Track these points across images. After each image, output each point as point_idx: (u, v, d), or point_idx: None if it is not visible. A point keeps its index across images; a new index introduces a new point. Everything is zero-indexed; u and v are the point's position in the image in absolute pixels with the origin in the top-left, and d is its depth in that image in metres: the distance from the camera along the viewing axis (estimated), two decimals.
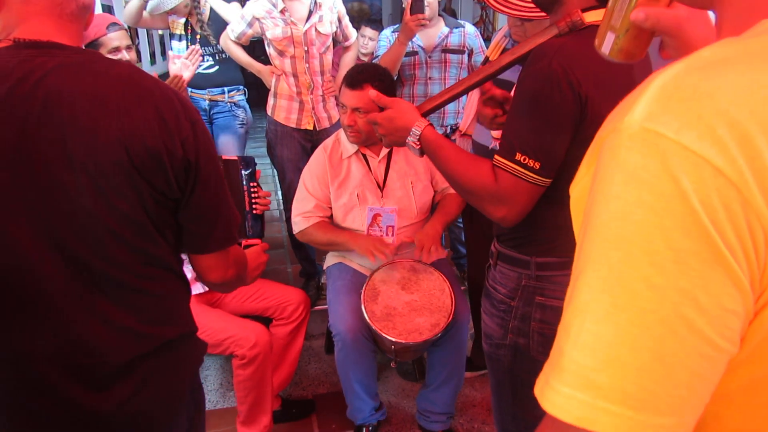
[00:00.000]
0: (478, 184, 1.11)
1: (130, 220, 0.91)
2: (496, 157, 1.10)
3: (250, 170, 1.93)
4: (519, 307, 1.22)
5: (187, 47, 2.84)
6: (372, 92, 1.29)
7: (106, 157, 0.86)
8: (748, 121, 0.36)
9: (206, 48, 2.90)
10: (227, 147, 3.01)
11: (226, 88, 2.97)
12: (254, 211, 1.94)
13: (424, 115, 1.23)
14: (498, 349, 1.29)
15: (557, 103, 1.03)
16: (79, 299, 0.91)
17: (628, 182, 0.39)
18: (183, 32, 2.86)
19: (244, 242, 1.76)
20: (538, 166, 1.05)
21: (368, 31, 3.33)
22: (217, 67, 2.93)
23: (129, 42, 2.33)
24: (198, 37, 2.87)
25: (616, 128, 0.41)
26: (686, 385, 0.39)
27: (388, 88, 1.90)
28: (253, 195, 1.93)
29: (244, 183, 1.90)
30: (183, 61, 2.38)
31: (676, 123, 0.37)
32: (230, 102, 3.02)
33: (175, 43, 2.89)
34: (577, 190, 0.51)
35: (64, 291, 0.90)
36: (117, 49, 2.28)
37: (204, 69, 2.87)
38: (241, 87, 3.08)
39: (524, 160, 1.05)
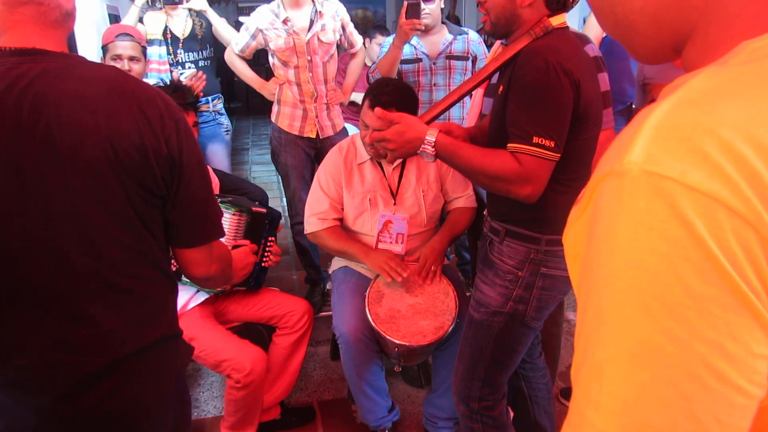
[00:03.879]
0: (506, 170, 1.27)
1: (120, 218, 0.93)
2: (512, 145, 1.28)
3: (274, 225, 1.98)
4: (525, 277, 1.42)
5: (168, 52, 2.87)
6: (377, 110, 1.39)
7: (93, 156, 0.89)
8: (755, 158, 0.34)
9: (188, 54, 2.91)
10: (217, 155, 3.02)
11: (209, 98, 2.96)
12: (263, 264, 1.97)
13: (428, 122, 1.38)
14: (494, 316, 1.47)
15: (560, 89, 1.24)
16: (65, 299, 0.93)
17: (637, 229, 0.36)
18: (162, 38, 2.87)
19: (234, 242, 1.78)
20: (552, 145, 1.25)
21: (381, 39, 3.35)
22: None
23: (136, 54, 2.37)
24: (180, 45, 2.88)
25: (614, 171, 0.38)
26: None
27: (412, 108, 1.90)
28: (267, 248, 1.97)
29: (264, 236, 1.95)
30: (187, 83, 2.41)
31: (679, 164, 0.35)
32: (214, 111, 3.03)
33: (155, 49, 2.88)
34: (570, 235, 0.48)
35: (52, 291, 0.92)
36: (119, 57, 2.33)
37: (186, 77, 2.86)
38: (221, 95, 3.10)
39: (541, 141, 1.25)
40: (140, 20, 2.87)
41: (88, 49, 2.88)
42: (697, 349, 0.35)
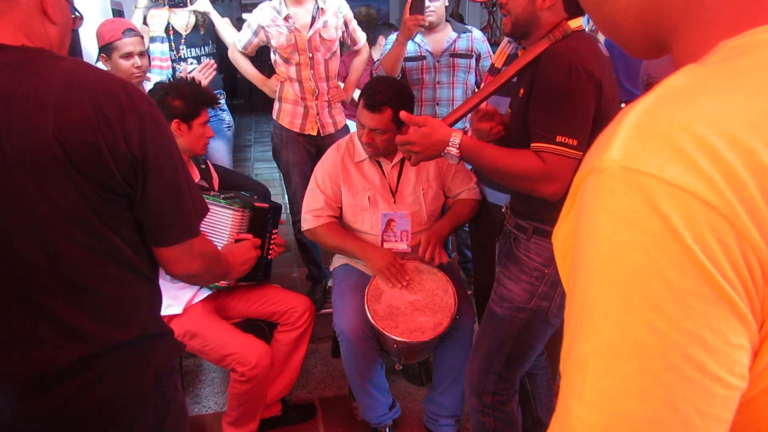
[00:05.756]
0: (530, 169, 1.31)
1: (75, 217, 0.90)
2: (536, 144, 1.32)
3: (276, 217, 1.99)
4: (551, 274, 1.45)
5: (170, 48, 2.87)
6: (403, 114, 1.40)
7: (41, 155, 0.86)
8: (729, 152, 0.35)
9: (190, 50, 2.91)
10: (218, 152, 3.01)
11: None
12: (269, 256, 1.98)
13: (450, 125, 1.40)
14: (517, 312, 1.50)
15: (582, 90, 1.28)
16: (27, 295, 0.92)
17: (617, 224, 0.37)
18: (164, 34, 2.87)
19: (235, 236, 1.77)
20: (575, 143, 1.29)
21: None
22: None
23: (143, 48, 2.38)
24: (183, 40, 2.88)
25: (595, 168, 0.39)
26: (703, 431, 0.37)
27: (408, 106, 1.91)
28: (271, 241, 1.97)
29: (269, 229, 1.95)
30: (196, 75, 2.40)
31: (656, 160, 0.36)
32: (216, 107, 3.03)
33: (157, 45, 2.87)
34: (559, 234, 0.49)
35: (13, 286, 0.92)
36: (130, 54, 2.33)
37: (189, 73, 2.84)
38: (223, 91, 3.09)
39: (564, 140, 1.29)
40: (143, 21, 2.87)
41: (92, 44, 2.88)
42: (676, 340, 0.36)
